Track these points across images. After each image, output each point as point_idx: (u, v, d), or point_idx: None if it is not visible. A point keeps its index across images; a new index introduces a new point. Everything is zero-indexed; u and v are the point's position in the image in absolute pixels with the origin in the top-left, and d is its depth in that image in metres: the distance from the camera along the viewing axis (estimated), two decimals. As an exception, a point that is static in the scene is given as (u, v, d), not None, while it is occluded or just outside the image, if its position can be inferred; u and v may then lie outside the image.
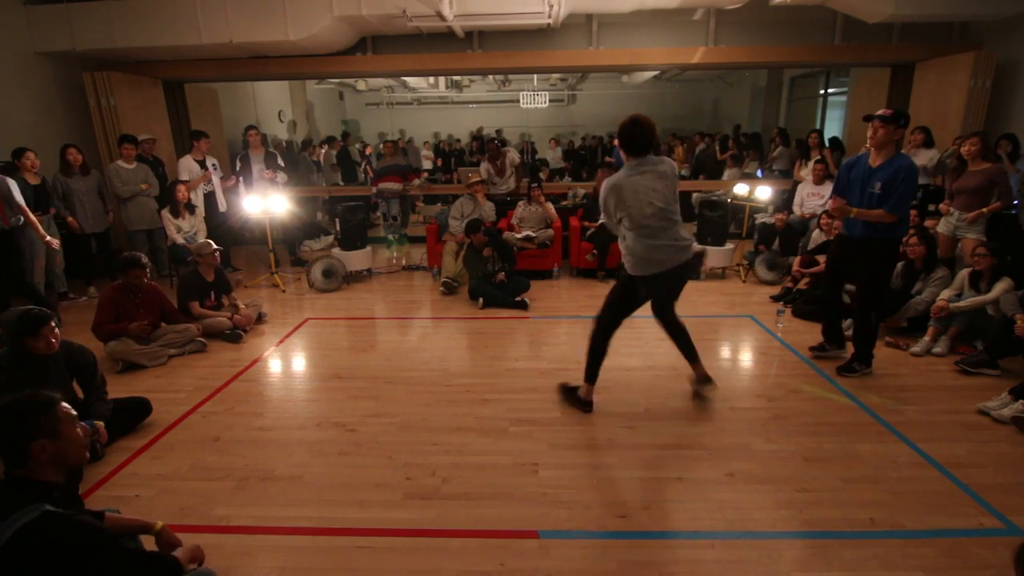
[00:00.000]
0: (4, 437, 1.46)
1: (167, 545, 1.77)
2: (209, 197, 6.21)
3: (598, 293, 5.48)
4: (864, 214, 3.27)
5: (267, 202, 5.59)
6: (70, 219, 5.29)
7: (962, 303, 3.78)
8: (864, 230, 3.34)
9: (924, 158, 5.39)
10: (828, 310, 3.82)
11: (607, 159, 11.10)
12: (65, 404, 1.55)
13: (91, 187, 5.45)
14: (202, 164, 6.08)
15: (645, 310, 3.06)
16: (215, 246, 4.58)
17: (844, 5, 5.75)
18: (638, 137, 2.77)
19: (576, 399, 3.17)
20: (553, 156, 13.08)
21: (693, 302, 5.11)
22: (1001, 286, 3.64)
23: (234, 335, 4.33)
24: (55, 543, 1.34)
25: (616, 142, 3.15)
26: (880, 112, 3.24)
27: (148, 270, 3.93)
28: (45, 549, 1.34)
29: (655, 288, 2.96)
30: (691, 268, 2.98)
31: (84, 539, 1.38)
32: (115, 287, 3.90)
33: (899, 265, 4.15)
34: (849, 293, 3.98)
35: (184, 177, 5.91)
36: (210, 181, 6.17)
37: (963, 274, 3.93)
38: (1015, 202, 4.59)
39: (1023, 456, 2.69)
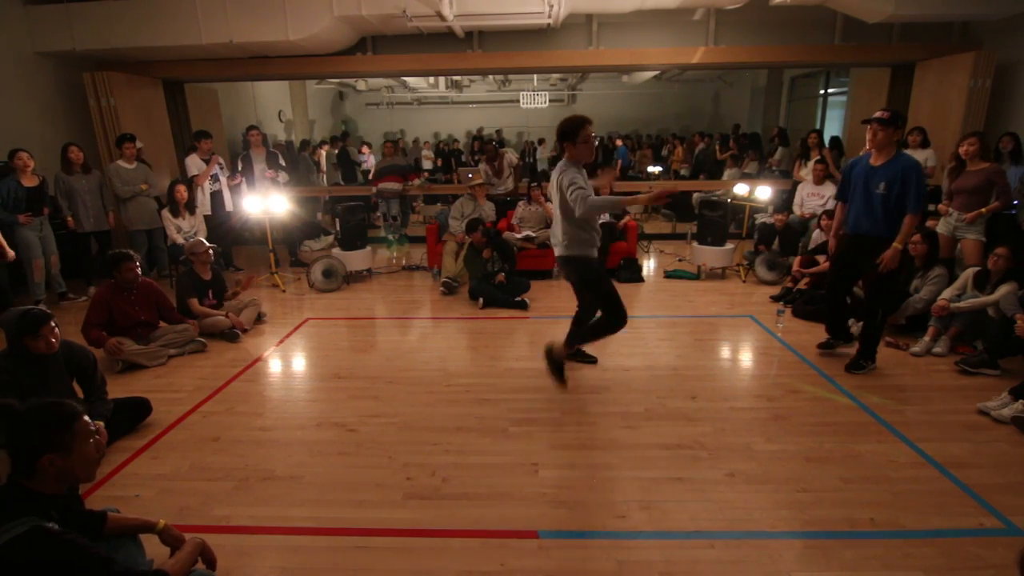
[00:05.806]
0: (18, 444, 1.45)
1: (170, 543, 1.78)
2: (216, 196, 6.23)
3: (598, 293, 5.49)
4: (902, 239, 3.25)
5: (267, 202, 5.60)
6: (68, 218, 5.28)
7: (963, 303, 3.77)
8: (872, 228, 3.35)
9: (920, 158, 5.39)
10: (833, 307, 3.81)
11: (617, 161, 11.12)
12: (86, 418, 1.54)
13: (93, 186, 5.44)
14: (206, 163, 6.14)
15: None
16: (208, 244, 4.57)
17: (844, 5, 5.75)
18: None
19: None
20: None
21: (693, 302, 5.11)
22: (1005, 288, 3.63)
23: (231, 334, 4.33)
24: (40, 561, 1.32)
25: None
26: (878, 114, 3.25)
27: (138, 262, 3.88)
28: (29, 567, 1.31)
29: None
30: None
31: (70, 559, 1.36)
32: (109, 285, 3.84)
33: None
34: (854, 293, 3.98)
35: (194, 172, 6.05)
36: (217, 180, 6.21)
37: (967, 274, 3.92)
38: (1014, 202, 4.59)
39: (1023, 456, 2.69)
